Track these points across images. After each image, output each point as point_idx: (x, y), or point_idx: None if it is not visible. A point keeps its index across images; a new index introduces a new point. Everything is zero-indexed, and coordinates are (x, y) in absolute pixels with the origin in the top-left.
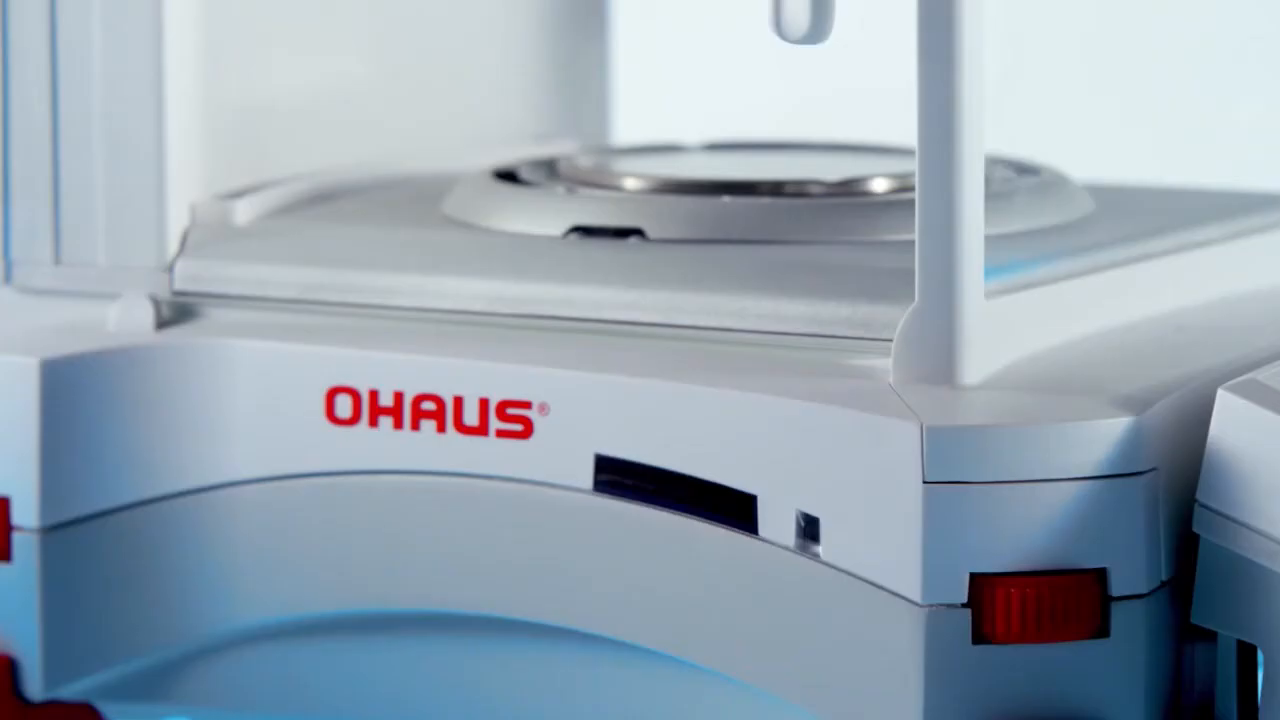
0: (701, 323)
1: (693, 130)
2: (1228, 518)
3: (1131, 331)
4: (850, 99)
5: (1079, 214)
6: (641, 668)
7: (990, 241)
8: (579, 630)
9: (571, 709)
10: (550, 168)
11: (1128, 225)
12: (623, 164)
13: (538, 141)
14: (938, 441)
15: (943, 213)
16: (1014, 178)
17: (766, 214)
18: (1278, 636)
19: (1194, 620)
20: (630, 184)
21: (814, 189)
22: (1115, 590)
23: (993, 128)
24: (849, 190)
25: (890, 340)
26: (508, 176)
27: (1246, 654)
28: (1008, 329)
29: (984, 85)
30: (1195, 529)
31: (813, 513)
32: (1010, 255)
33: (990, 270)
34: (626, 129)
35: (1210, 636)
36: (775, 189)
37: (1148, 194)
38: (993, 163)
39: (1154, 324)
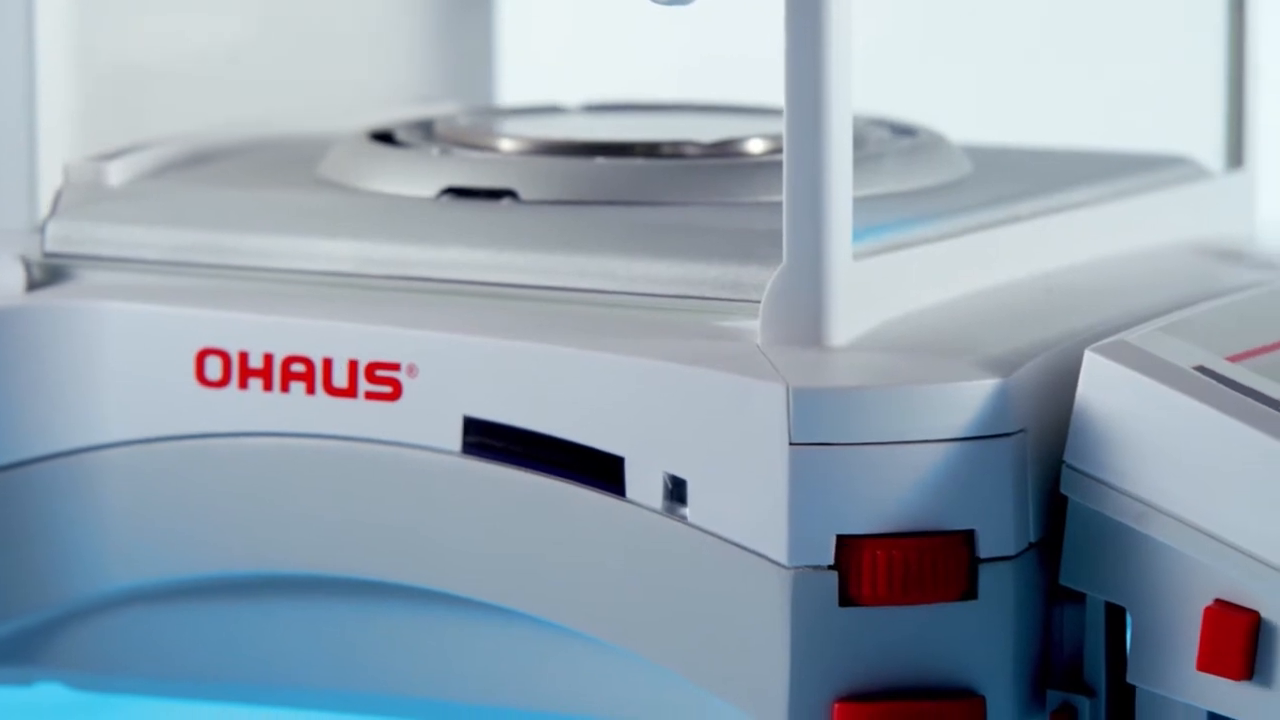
0: (572, 284)
1: (580, 92)
2: (1095, 479)
3: (1003, 293)
4: (738, 61)
5: (955, 175)
6: (511, 630)
7: (862, 202)
8: (448, 593)
9: (441, 670)
10: (427, 129)
11: (1003, 187)
12: (499, 125)
13: (422, 103)
14: (803, 403)
15: (809, 174)
16: (890, 139)
17: (640, 175)
18: (1145, 598)
19: (1062, 582)
20: (504, 145)
21: (689, 150)
22: (983, 552)
23: (876, 89)
24: (724, 151)
25: (759, 302)
26: (384, 138)
27: (1115, 615)
28: (876, 290)
29: (851, 46)
30: (1063, 490)
31: (680, 475)
32: (882, 216)
33: (860, 231)
34: (513, 91)
35: (1079, 598)
36: (650, 150)
37: (1026, 156)
38: (870, 124)
39: (1026, 285)
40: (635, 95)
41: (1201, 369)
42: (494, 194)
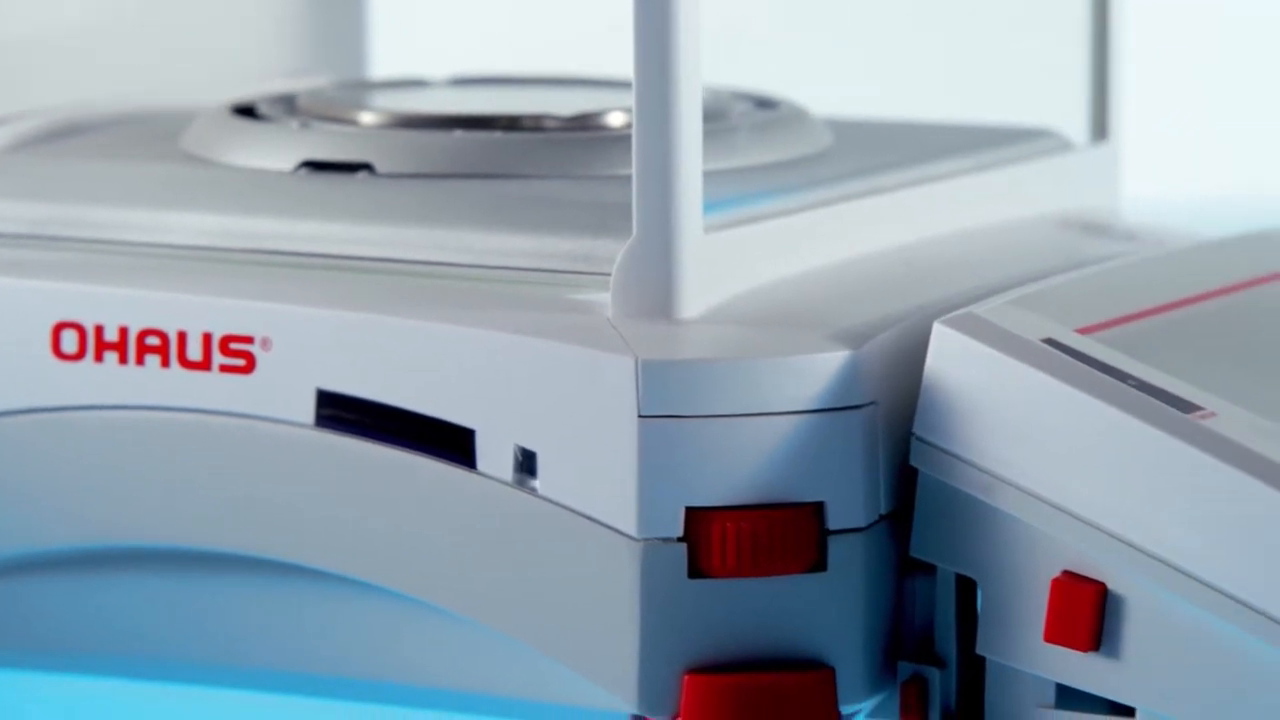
0: (426, 257)
1: (456, 66)
2: (944, 451)
3: (859, 266)
4: (617, 33)
5: (815, 148)
6: (365, 602)
7: (719, 175)
8: (302, 565)
9: (296, 642)
10: (289, 103)
11: (863, 159)
12: (360, 99)
13: (293, 77)
14: (652, 376)
15: (658, 148)
16: (751, 112)
17: (496, 148)
18: (993, 570)
19: (913, 554)
20: (363, 119)
21: (548, 123)
22: (833, 524)
23: (743, 64)
24: (583, 125)
25: (611, 275)
26: (247, 111)
27: (965, 587)
28: (728, 263)
29: (700, 19)
30: (912, 462)
31: (530, 447)
32: (738, 189)
33: (714, 204)
34: (389, 65)
35: (930, 570)
36: (509, 124)
37: (889, 129)
38: (734, 97)
39: (883, 258)
40: (510, 68)
41: (1050, 341)
42: (350, 167)
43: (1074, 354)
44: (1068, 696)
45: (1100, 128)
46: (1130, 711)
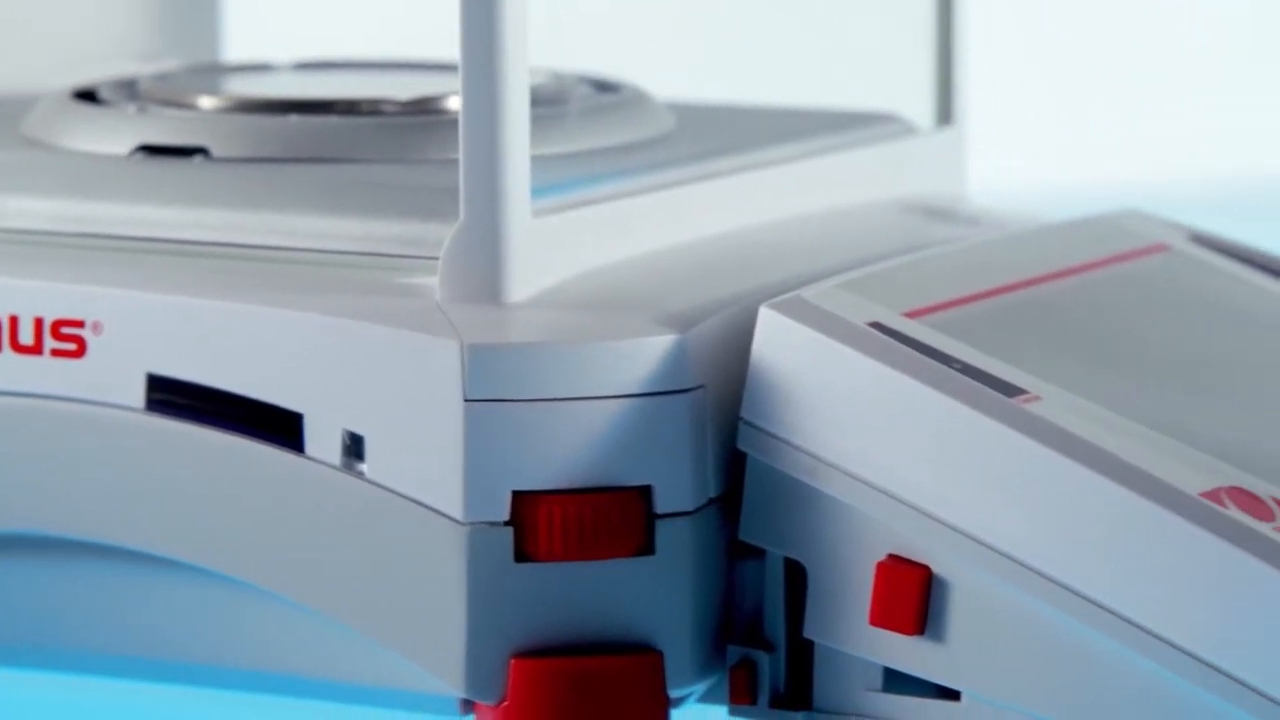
0: (259, 242)
1: (312, 49)
2: (770, 435)
3: (692, 250)
4: None
5: (655, 132)
6: (198, 586)
7: (553, 159)
8: (136, 549)
9: (130, 626)
10: (131, 87)
11: (703, 143)
12: (200, 83)
13: (142, 61)
14: (478, 359)
15: (485, 131)
16: (592, 95)
17: (331, 133)
18: (820, 553)
19: (742, 537)
20: (201, 103)
21: (386, 107)
22: (660, 508)
23: (593, 48)
24: (420, 109)
25: (439, 259)
26: (88, 96)
27: (794, 571)
28: (558, 247)
29: (527, 2)
30: (740, 446)
31: (358, 431)
32: (571, 173)
33: (547, 188)
34: (245, 48)
35: (759, 554)
36: (347, 108)
37: (733, 113)
38: (577, 81)
39: (718, 242)
40: (366, 52)
41: (876, 325)
42: (186, 151)
43: (899, 338)
44: (894, 680)
45: (945, 112)
46: (956, 695)
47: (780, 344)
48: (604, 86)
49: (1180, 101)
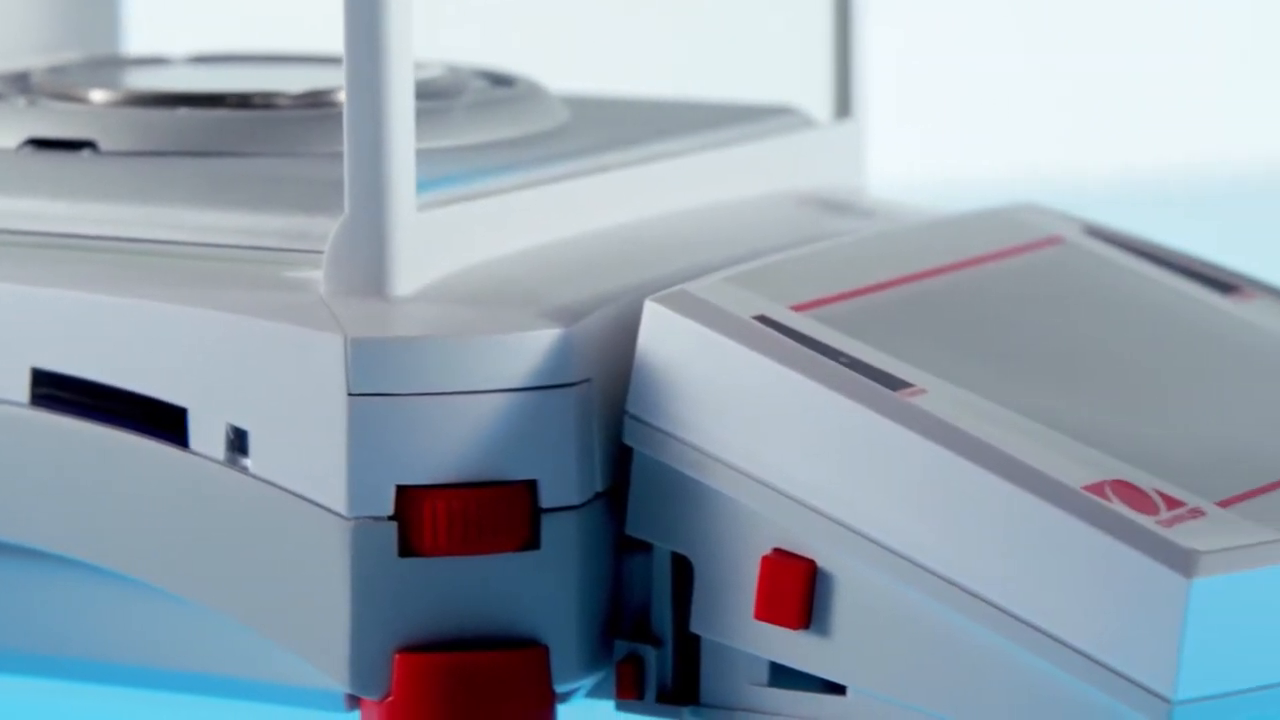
0: (145, 236)
1: (215, 43)
2: (656, 429)
3: (583, 243)
4: None
5: (549, 125)
6: (87, 581)
7: (442, 152)
8: (23, 545)
9: (18, 621)
10: (23, 80)
11: (596, 136)
12: (93, 76)
13: (40, 54)
14: (362, 354)
15: (369, 124)
16: (486, 89)
17: (220, 126)
18: (706, 547)
19: (628, 531)
20: (92, 96)
21: (278, 101)
22: (546, 502)
23: (492, 41)
24: (311, 102)
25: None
26: None
27: (681, 565)
28: (444, 241)
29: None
30: (626, 440)
31: (242, 426)
32: (459, 166)
33: (434, 181)
34: (146, 41)
35: (646, 548)
36: (237, 101)
37: (629, 106)
38: (472, 74)
39: (609, 236)
40: (272, 45)
41: (762, 318)
42: (74, 145)
43: (785, 331)
44: (780, 674)
45: (843, 105)
46: (842, 689)
47: (665, 338)
48: (499, 80)
49: (1087, 95)
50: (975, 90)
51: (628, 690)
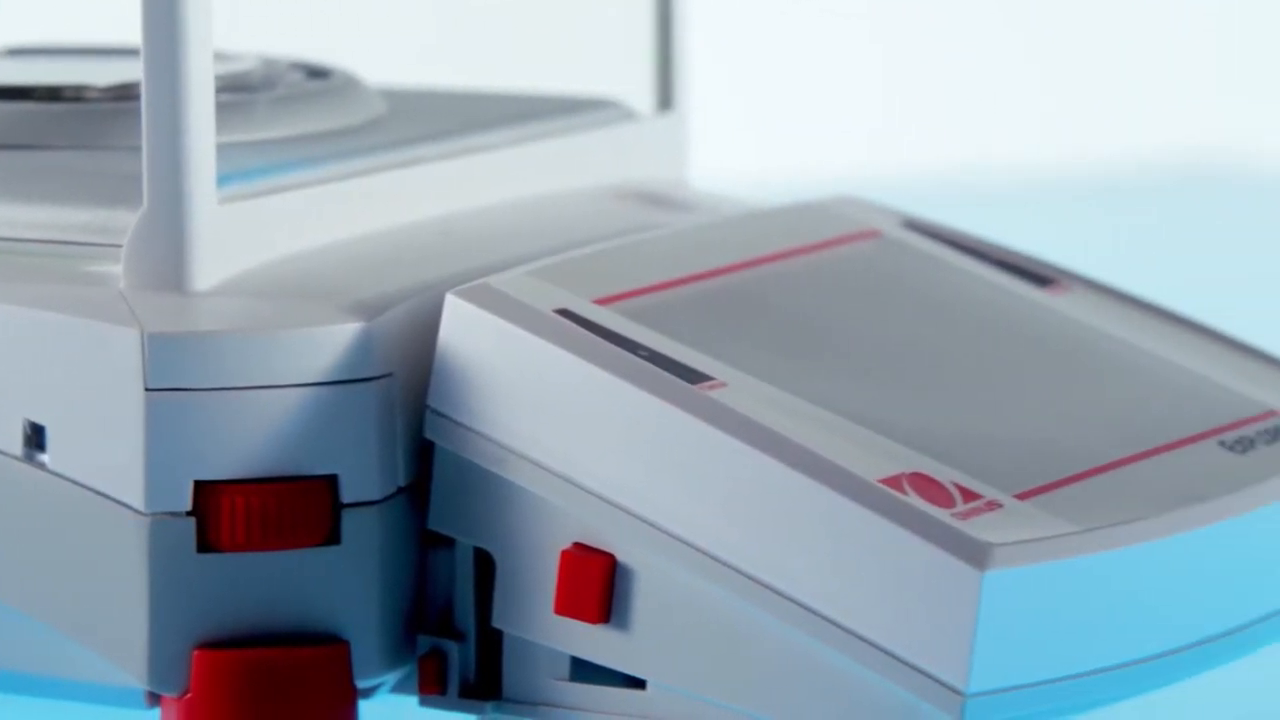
0: None
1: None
2: (457, 423)
3: (391, 237)
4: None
5: (364, 117)
6: None
7: (251, 145)
8: None
9: None
10: None
11: (411, 129)
12: None
13: None
14: (159, 348)
15: (167, 116)
16: (301, 82)
17: (25, 119)
18: (507, 542)
19: (430, 526)
20: None
21: (88, 94)
22: (346, 497)
23: (317, 34)
24: (118, 95)
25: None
26: None
27: (484, 560)
28: (245, 235)
29: None
30: (427, 435)
31: (39, 421)
32: (269, 159)
33: (237, 174)
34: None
35: (449, 543)
36: (47, 94)
37: (449, 99)
38: (289, 67)
39: (419, 229)
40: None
41: (563, 312)
42: None
43: (586, 324)
44: (582, 669)
45: (665, 98)
46: (642, 684)
47: (466, 331)
48: (315, 73)
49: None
50: (809, 87)
51: (430, 685)
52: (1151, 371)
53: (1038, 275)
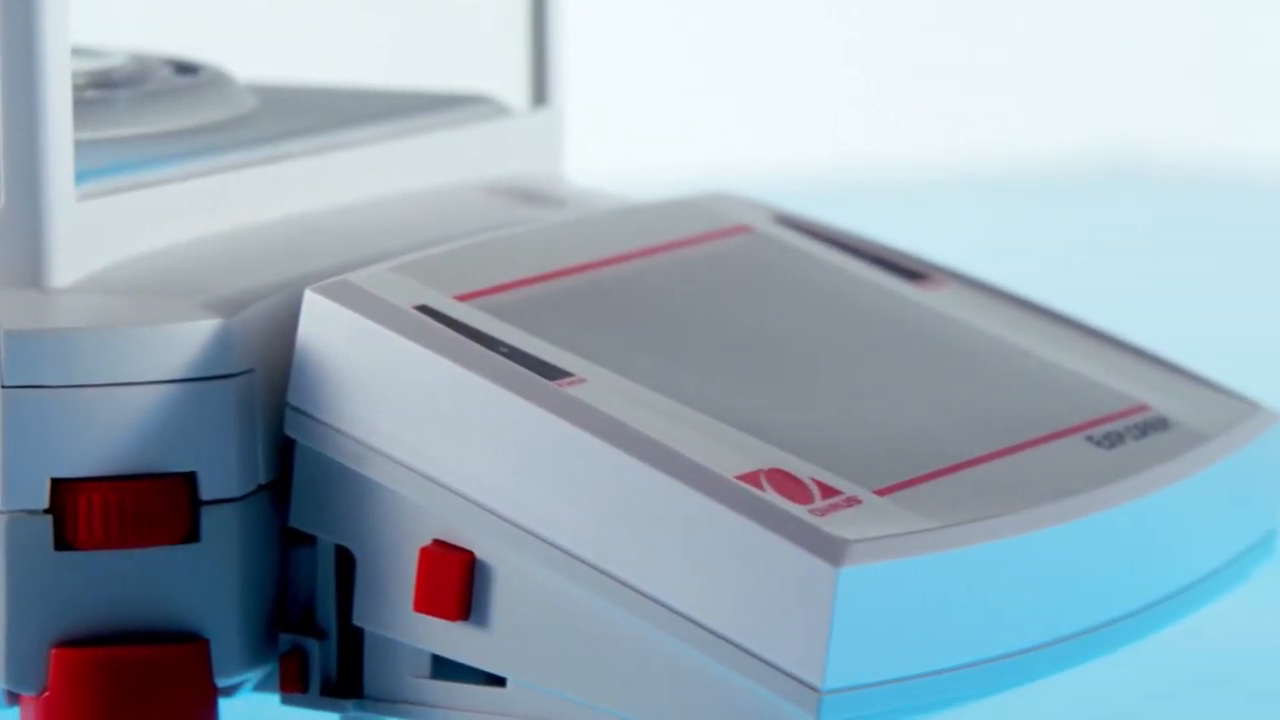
0: None
1: None
2: (317, 420)
3: (255, 233)
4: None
5: (232, 113)
6: None
7: (114, 141)
8: None
9: None
10: None
11: (279, 125)
12: None
13: None
14: (15, 345)
15: (23, 111)
16: (169, 77)
17: None
18: (367, 540)
19: (291, 524)
20: None
21: None
22: (205, 494)
23: (193, 30)
24: None
25: None
26: None
27: (346, 557)
28: (106, 231)
29: None
30: (287, 432)
31: None
32: (131, 155)
33: (97, 170)
34: None
35: (311, 540)
36: None
37: (319, 94)
38: (159, 63)
39: (284, 226)
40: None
41: (423, 308)
42: None
43: (446, 321)
44: (442, 666)
45: (540, 93)
46: (502, 681)
47: (325, 328)
48: (184, 69)
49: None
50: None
51: (292, 683)
52: (1021, 367)
53: (910, 270)
